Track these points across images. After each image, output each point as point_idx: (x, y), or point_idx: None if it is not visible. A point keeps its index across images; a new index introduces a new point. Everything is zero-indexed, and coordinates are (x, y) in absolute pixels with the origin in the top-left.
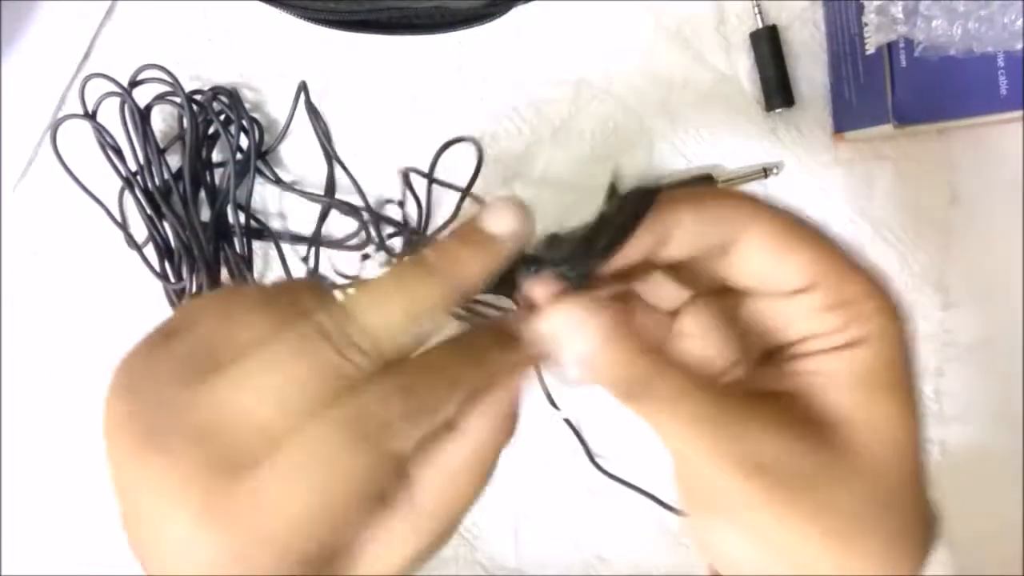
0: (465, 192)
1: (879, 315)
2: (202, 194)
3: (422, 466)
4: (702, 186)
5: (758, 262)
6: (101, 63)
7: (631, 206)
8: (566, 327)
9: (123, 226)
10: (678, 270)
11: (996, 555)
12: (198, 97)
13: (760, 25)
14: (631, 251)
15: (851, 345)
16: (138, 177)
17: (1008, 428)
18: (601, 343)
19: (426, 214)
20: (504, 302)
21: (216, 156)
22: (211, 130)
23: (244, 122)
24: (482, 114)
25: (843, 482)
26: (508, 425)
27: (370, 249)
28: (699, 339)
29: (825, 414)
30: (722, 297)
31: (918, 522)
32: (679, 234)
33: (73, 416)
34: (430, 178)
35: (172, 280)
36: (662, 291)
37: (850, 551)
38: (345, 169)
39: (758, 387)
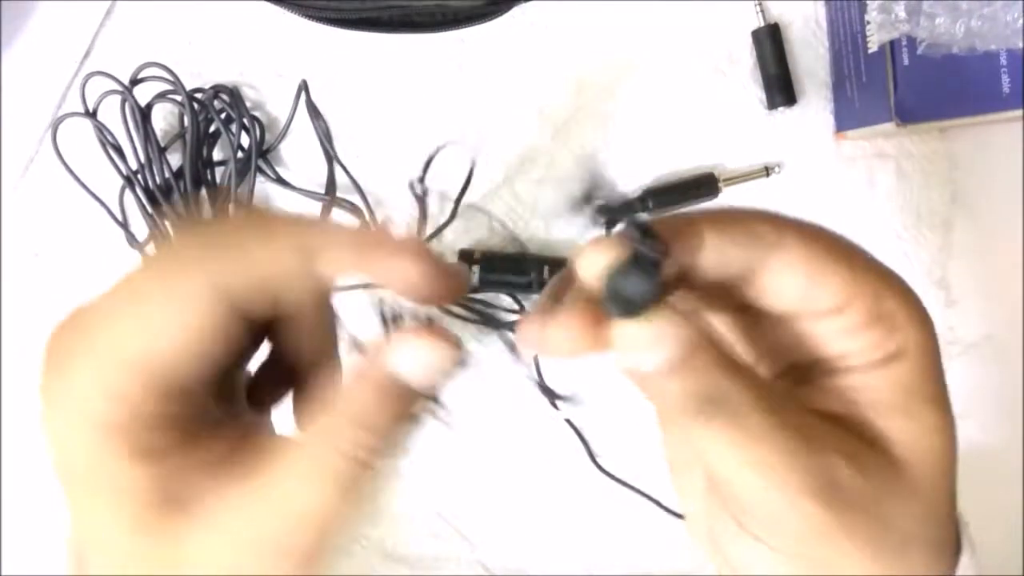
0: (457, 200)
1: (914, 326)
2: (203, 193)
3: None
4: (719, 208)
5: (790, 286)
6: (102, 61)
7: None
8: (642, 341)
9: (124, 225)
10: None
11: (997, 554)
12: (199, 95)
13: (762, 23)
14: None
15: (890, 359)
16: (139, 176)
17: (1010, 426)
18: (681, 356)
19: (423, 218)
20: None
21: (217, 155)
22: (212, 128)
23: (245, 120)
24: (482, 114)
25: (897, 501)
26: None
27: None
28: None
29: (868, 431)
30: (734, 311)
31: (953, 531)
32: (701, 261)
33: None
34: (421, 190)
35: None
36: None
37: (899, 570)
38: (344, 168)
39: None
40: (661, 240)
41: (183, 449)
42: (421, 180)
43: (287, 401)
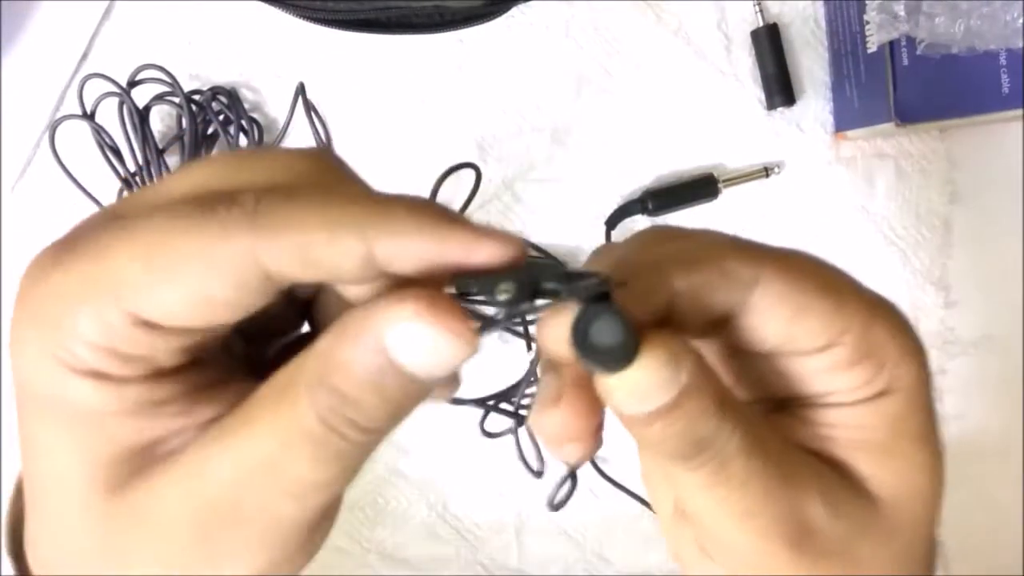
0: (461, 212)
1: (906, 360)
2: None
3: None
4: (690, 238)
5: (771, 327)
6: (100, 63)
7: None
8: (635, 393)
9: None
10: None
11: (996, 553)
12: (197, 97)
13: (761, 23)
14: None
15: (878, 396)
16: (137, 178)
17: (1010, 426)
18: (674, 403)
19: None
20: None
21: None
22: (210, 130)
23: (243, 122)
24: (482, 113)
25: (871, 543)
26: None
27: None
28: None
29: (848, 467)
30: (711, 340)
31: (931, 562)
32: (675, 309)
33: None
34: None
35: None
36: None
37: None
38: None
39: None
40: (592, 273)
41: (183, 406)
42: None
43: None
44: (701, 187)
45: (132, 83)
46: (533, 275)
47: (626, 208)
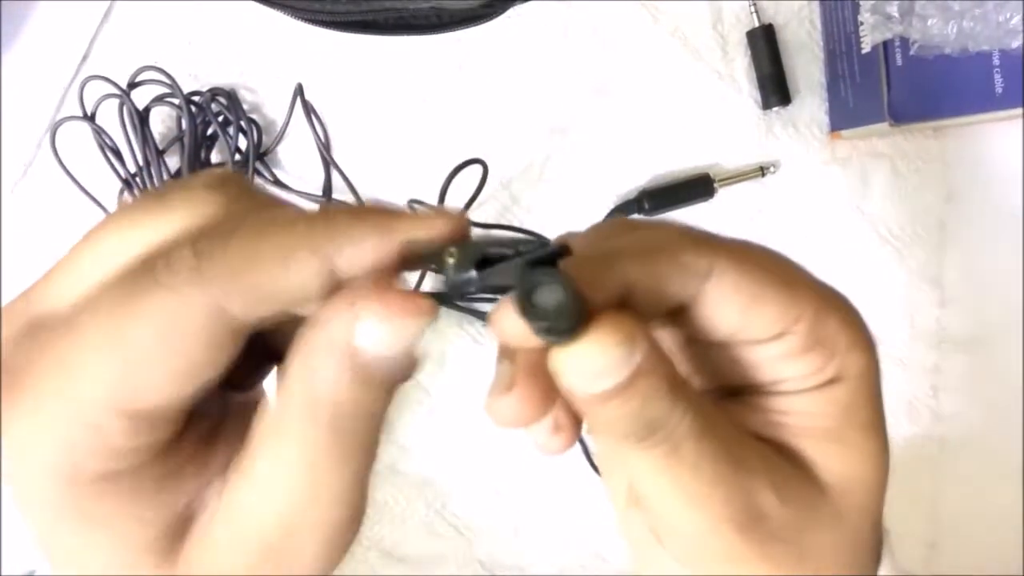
0: (465, 209)
1: (854, 350)
2: None
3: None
4: (646, 228)
5: (725, 317)
6: (100, 65)
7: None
8: (588, 370)
9: None
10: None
11: (995, 551)
12: (196, 98)
13: (756, 24)
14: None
15: (827, 384)
16: (137, 179)
17: (1006, 424)
18: (627, 382)
19: None
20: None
21: (215, 157)
22: (209, 131)
23: (242, 123)
24: (480, 114)
25: (818, 529)
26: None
27: None
28: None
29: (797, 454)
30: (667, 328)
31: (876, 551)
32: (631, 299)
33: None
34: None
35: None
36: None
37: None
38: (339, 171)
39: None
40: (543, 242)
41: (199, 461)
42: (420, 202)
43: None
44: (697, 187)
45: (132, 84)
46: (480, 242)
47: (623, 208)
